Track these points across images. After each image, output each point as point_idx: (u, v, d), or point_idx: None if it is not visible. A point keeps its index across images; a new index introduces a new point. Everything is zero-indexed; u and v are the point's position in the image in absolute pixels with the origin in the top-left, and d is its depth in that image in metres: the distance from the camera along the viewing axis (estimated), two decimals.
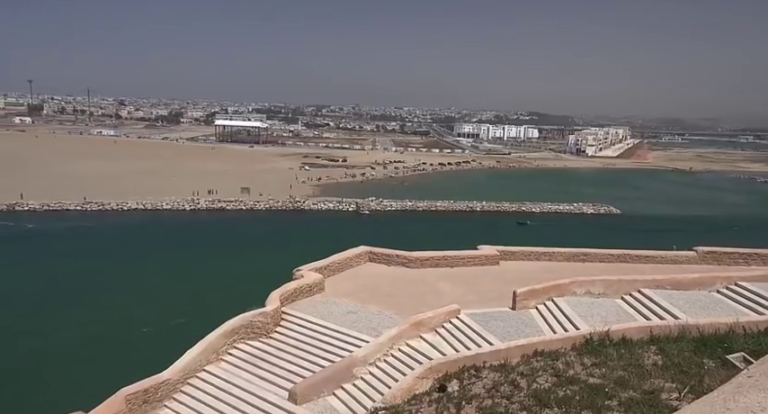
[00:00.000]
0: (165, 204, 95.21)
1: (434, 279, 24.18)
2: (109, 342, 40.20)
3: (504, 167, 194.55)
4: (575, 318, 17.46)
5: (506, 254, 26.70)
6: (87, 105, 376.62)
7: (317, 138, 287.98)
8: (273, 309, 19.86)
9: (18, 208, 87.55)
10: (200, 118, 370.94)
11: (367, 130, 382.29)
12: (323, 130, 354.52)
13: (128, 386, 16.10)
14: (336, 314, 20.20)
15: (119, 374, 18.56)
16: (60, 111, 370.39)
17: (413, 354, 16.98)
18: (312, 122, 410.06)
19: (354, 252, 26.54)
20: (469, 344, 16.93)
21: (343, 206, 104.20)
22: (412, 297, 21.83)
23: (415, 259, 26.06)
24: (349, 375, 16.20)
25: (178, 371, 17.16)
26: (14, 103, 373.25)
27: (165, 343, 18.68)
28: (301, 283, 22.06)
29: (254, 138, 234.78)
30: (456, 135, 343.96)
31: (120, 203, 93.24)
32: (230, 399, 16.59)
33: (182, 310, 44.49)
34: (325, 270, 24.09)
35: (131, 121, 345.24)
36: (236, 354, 18.62)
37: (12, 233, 75.22)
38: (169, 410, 16.47)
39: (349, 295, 22.03)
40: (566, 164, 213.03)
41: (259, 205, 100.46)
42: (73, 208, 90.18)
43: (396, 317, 19.64)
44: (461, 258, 26.34)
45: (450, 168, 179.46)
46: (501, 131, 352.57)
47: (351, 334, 18.64)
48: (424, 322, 18.02)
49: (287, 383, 16.84)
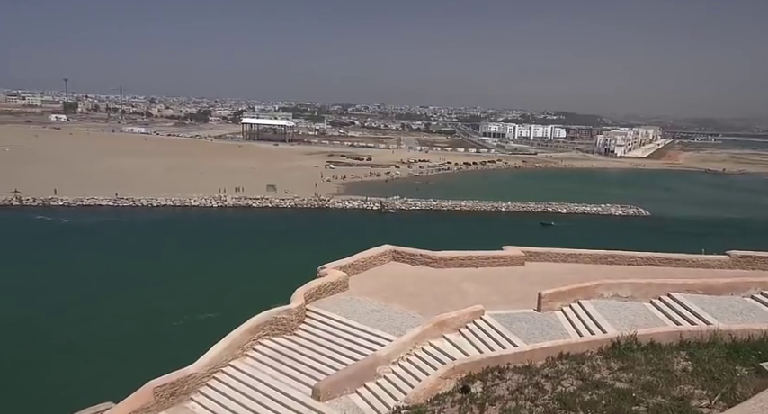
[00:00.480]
0: (192, 201, 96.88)
1: (458, 279, 24.06)
2: (140, 335, 41.11)
3: (530, 167, 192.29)
4: (601, 320, 17.18)
5: (532, 255, 26.41)
6: (119, 103, 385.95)
7: (342, 136, 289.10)
8: (298, 306, 20.05)
9: (53, 203, 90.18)
10: (227, 116, 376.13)
11: (392, 129, 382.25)
12: (348, 128, 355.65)
13: (156, 379, 16.47)
14: (360, 312, 20.28)
15: (148, 367, 19.00)
16: (94, 109, 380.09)
17: (436, 354, 16.94)
18: (337, 121, 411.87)
19: (378, 251, 26.59)
20: (493, 345, 16.81)
21: (367, 205, 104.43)
22: (436, 297, 21.77)
23: (439, 259, 25.97)
24: (372, 374, 16.24)
25: (204, 365, 17.47)
26: (51, 101, 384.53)
27: (194, 337, 19.06)
28: (325, 281, 22.20)
29: (281, 136, 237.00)
30: (481, 134, 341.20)
31: (150, 199, 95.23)
32: (255, 394, 16.82)
33: (211, 304, 45.21)
34: (349, 268, 24.20)
35: (161, 118, 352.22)
36: (260, 349, 18.85)
37: (50, 227, 77.56)
38: (195, 403, 16.78)
39: (373, 294, 22.08)
40: (593, 164, 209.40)
41: (284, 203, 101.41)
42: (105, 203, 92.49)
43: (419, 316, 19.61)
44: (486, 259, 26.15)
45: (475, 168, 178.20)
46: (527, 131, 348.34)
47: (374, 332, 18.68)
48: (448, 322, 17.95)
49: (310, 380, 16.99)
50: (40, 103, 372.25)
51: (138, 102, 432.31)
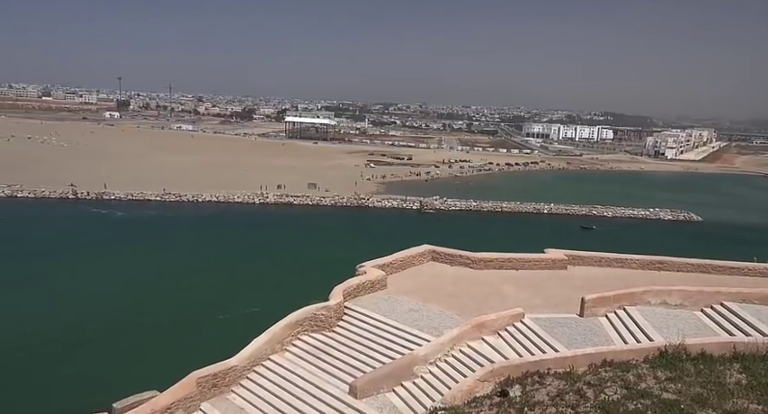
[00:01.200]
0: (236, 198, 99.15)
1: (498, 281, 23.73)
2: (187, 326, 42.29)
3: (574, 169, 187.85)
4: (648, 328, 16.59)
5: (575, 258, 25.77)
6: (169, 101, 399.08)
7: (383, 135, 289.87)
8: (336, 303, 20.20)
9: (105, 197, 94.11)
10: (271, 115, 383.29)
11: (433, 129, 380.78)
12: (389, 128, 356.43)
13: (199, 370, 16.93)
14: (398, 311, 20.26)
15: (192, 358, 19.51)
16: (145, 106, 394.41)
17: (474, 355, 16.75)
18: (379, 120, 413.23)
19: (417, 250, 26.51)
20: (533, 349, 16.49)
21: (406, 204, 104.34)
22: (474, 298, 21.53)
23: (479, 260, 25.67)
24: (409, 373, 16.20)
25: (245, 358, 17.83)
26: (105, 98, 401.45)
27: (238, 330, 19.50)
28: (364, 279, 22.28)
29: (323, 135, 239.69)
30: (525, 135, 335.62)
31: (196, 195, 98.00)
32: (293, 388, 17.04)
33: (255, 298, 46.02)
34: (388, 267, 24.21)
35: (208, 116, 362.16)
36: (299, 345, 19.10)
37: (105, 220, 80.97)
38: (236, 396, 17.15)
39: (411, 293, 22.03)
40: (642, 167, 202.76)
41: (325, 201, 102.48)
42: (153, 198, 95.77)
43: (457, 317, 19.44)
44: (527, 261, 25.69)
45: (517, 169, 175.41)
46: (572, 132, 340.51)
47: (412, 332, 18.63)
48: (487, 324, 17.72)
49: (347, 377, 17.09)
50: (95, 101, 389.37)
51: (187, 100, 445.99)
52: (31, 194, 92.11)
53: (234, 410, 16.54)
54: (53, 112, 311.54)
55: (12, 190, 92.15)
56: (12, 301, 46.28)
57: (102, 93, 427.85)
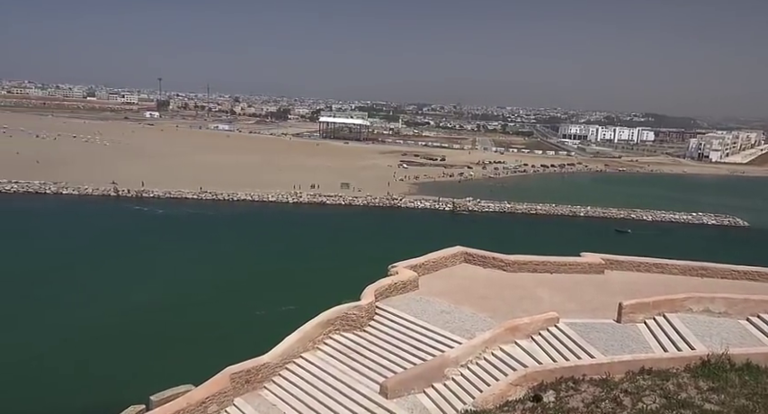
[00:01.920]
0: (270, 197, 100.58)
1: (532, 284, 23.35)
2: (225, 322, 43.04)
3: (612, 171, 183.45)
4: (689, 336, 16.02)
5: (612, 263, 25.13)
6: (206, 102, 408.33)
7: (417, 136, 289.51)
8: (368, 303, 20.23)
9: (145, 195, 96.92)
10: (305, 115, 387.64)
11: (467, 130, 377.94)
12: (423, 128, 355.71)
13: (233, 365, 17.22)
14: (430, 313, 20.15)
15: (228, 353, 19.83)
16: (183, 106, 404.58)
17: (506, 359, 16.51)
18: (412, 121, 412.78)
19: (450, 252, 26.32)
20: (568, 354, 16.14)
21: (439, 205, 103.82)
22: (507, 301, 21.24)
23: (512, 263, 25.31)
24: (440, 375, 16.09)
25: (277, 355, 18.04)
26: (146, 99, 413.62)
27: (274, 327, 19.73)
28: (396, 280, 22.25)
29: (356, 135, 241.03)
30: (561, 136, 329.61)
31: (231, 194, 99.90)
32: (324, 387, 17.15)
33: (291, 296, 46.39)
34: (420, 268, 24.11)
35: (244, 116, 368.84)
36: (330, 344, 19.21)
37: (146, 217, 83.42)
38: (268, 392, 17.36)
39: (443, 295, 21.89)
40: (684, 169, 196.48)
41: (357, 201, 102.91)
42: (190, 196, 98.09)
43: (490, 320, 19.22)
44: (562, 265, 25.18)
45: (552, 170, 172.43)
46: (611, 133, 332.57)
47: (443, 334, 18.51)
48: (520, 328, 17.44)
49: (378, 377, 17.10)
50: (136, 101, 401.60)
51: (224, 100, 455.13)
52: (76, 192, 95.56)
53: (266, 407, 16.75)
54: (97, 111, 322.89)
55: (57, 187, 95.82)
56: (55, 296, 48.09)
57: (143, 93, 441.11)
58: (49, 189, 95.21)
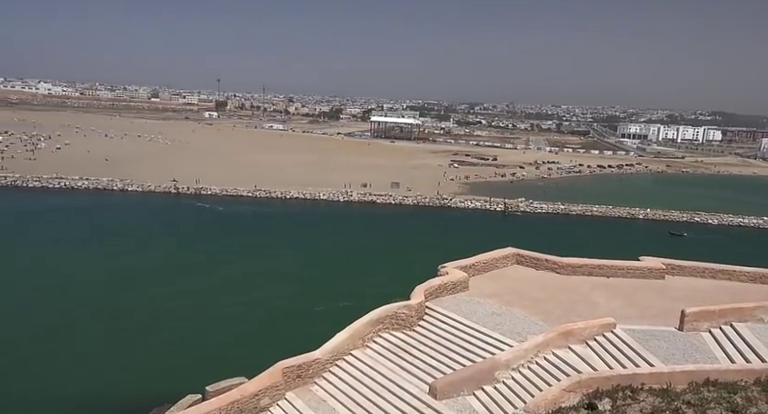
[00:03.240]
0: (321, 195, 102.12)
1: (587, 288, 22.66)
2: (285, 316, 43.84)
3: (674, 172, 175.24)
4: (760, 348, 15.11)
5: (674, 268, 24.05)
6: (262, 102, 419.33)
7: (468, 135, 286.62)
8: (418, 303, 20.21)
9: (203, 192, 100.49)
10: (357, 114, 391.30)
11: (520, 129, 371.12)
12: (474, 127, 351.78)
13: (285, 360, 17.61)
14: (480, 314, 19.92)
15: (282, 347, 20.27)
16: (240, 106, 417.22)
17: (559, 364, 16.10)
18: (464, 120, 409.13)
19: (501, 253, 25.93)
20: (625, 362, 15.57)
21: (490, 205, 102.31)
22: (561, 305, 20.72)
23: (566, 265, 24.67)
24: (490, 378, 15.87)
25: (327, 352, 18.31)
26: (205, 99, 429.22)
27: (331, 322, 19.98)
28: (446, 280, 22.13)
29: (407, 134, 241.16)
30: (620, 136, 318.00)
31: (284, 192, 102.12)
32: (373, 384, 17.26)
33: (348, 293, 46.77)
34: (470, 269, 23.87)
35: (297, 116, 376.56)
36: (380, 342, 19.32)
37: (209, 213, 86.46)
38: (318, 387, 17.65)
39: (494, 296, 21.59)
40: (755, 171, 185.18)
41: (407, 200, 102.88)
42: (245, 194, 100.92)
43: (542, 324, 18.81)
44: (619, 269, 24.33)
45: (610, 171, 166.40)
46: (674, 132, 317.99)
47: (494, 336, 18.27)
48: (575, 333, 16.95)
49: (427, 377, 17.05)
50: (196, 102, 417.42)
51: (278, 100, 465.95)
52: (140, 188, 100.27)
53: (316, 402, 17.04)
54: (160, 112, 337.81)
55: (123, 184, 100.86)
56: (121, 289, 50.62)
57: (202, 94, 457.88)
58: (116, 186, 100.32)
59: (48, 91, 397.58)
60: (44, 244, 64.45)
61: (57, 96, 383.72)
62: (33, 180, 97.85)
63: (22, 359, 35.80)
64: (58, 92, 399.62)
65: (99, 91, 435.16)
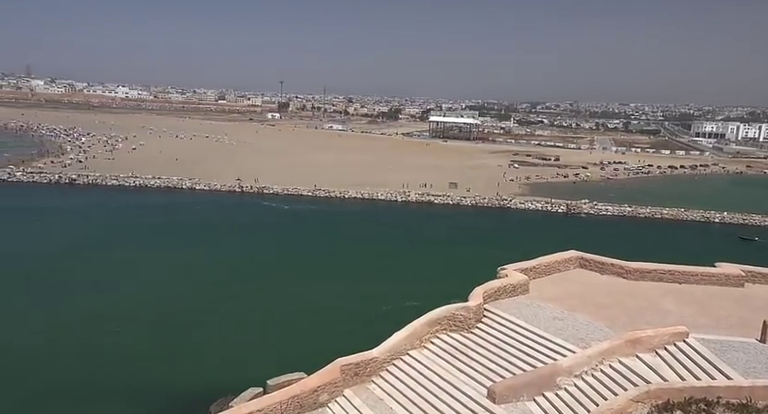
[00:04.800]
0: (379, 195, 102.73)
1: (656, 295, 21.59)
2: (351, 314, 44.34)
3: (756, 173, 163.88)
4: None
5: (755, 275, 22.54)
6: (322, 103, 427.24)
7: (529, 135, 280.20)
8: (476, 304, 19.94)
9: (265, 191, 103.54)
10: (416, 114, 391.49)
11: (584, 129, 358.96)
12: (536, 127, 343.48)
13: (343, 357, 17.84)
14: (541, 318, 19.41)
15: (349, 344, 20.49)
16: (302, 108, 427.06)
17: (626, 373, 15.41)
18: (525, 119, 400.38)
19: (563, 256, 25.18)
20: (699, 373, 14.68)
21: (552, 207, 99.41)
22: (628, 311, 19.84)
23: (634, 270, 23.63)
24: (552, 384, 15.41)
25: (385, 351, 18.39)
26: (268, 101, 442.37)
27: (389, 322, 20.08)
28: (505, 283, 21.73)
29: (466, 134, 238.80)
30: (693, 135, 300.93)
31: (343, 192, 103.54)
32: (430, 385, 17.19)
33: (406, 293, 46.59)
34: (531, 272, 23.33)
35: (357, 116, 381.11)
36: (437, 343, 19.21)
37: (275, 211, 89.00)
38: (375, 386, 17.77)
39: (555, 300, 20.98)
40: None
41: (465, 201, 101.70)
42: (305, 193, 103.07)
43: (607, 330, 18.09)
44: (692, 275, 23.03)
45: (682, 172, 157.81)
46: (755, 131, 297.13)
47: (555, 341, 17.75)
48: (643, 341, 16.18)
49: (485, 380, 16.79)
50: (260, 103, 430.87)
51: (338, 101, 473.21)
52: (206, 187, 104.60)
53: (374, 400, 17.15)
54: (226, 113, 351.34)
55: (192, 183, 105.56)
56: (188, 284, 52.99)
57: (266, 96, 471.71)
58: (185, 184, 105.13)
59: (125, 94, 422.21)
60: (139, 238, 68.16)
61: (133, 99, 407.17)
62: (111, 178, 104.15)
63: (97, 347, 38.17)
64: (134, 95, 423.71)
65: (171, 94, 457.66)
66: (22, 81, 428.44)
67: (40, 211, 79.63)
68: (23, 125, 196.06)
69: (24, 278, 50.98)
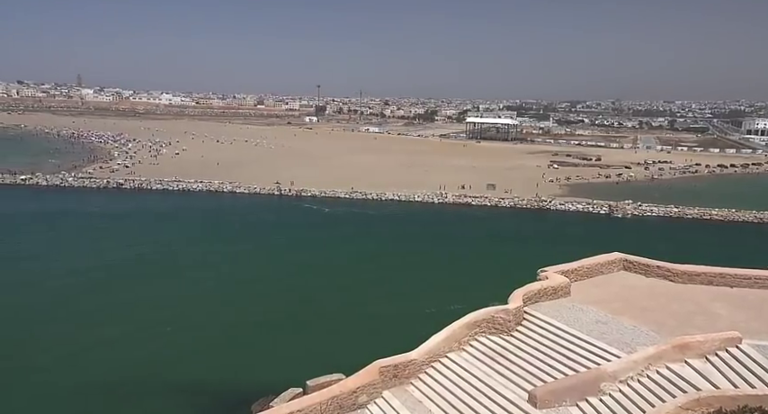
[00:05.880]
0: (416, 196, 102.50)
1: (706, 299, 20.77)
2: (392, 316, 44.44)
3: None
4: None
5: None
6: (359, 106, 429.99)
7: (569, 135, 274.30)
8: (516, 307, 19.66)
9: (303, 194, 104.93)
10: (452, 116, 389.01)
11: (627, 127, 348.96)
12: (576, 126, 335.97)
13: (382, 359, 17.87)
14: (583, 322, 18.97)
15: (388, 346, 20.52)
16: (338, 111, 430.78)
17: (674, 379, 14.88)
18: (564, 119, 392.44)
19: (606, 258, 24.55)
20: (754, 381, 14.04)
21: (593, 208, 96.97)
22: (676, 315, 19.16)
23: (681, 273, 22.80)
24: (595, 389, 15.03)
25: (424, 353, 18.33)
26: (306, 105, 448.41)
27: (436, 324, 20.03)
28: (545, 285, 21.34)
29: (503, 135, 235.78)
30: (745, 132, 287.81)
31: (379, 194, 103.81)
32: (469, 388, 17.02)
33: (453, 295, 46.40)
34: (572, 274, 22.84)
35: (393, 119, 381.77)
36: (476, 346, 19.01)
37: (318, 214, 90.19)
38: (414, 388, 17.72)
39: (598, 303, 20.46)
40: None
41: (503, 202, 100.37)
42: (342, 195, 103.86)
43: (654, 334, 17.52)
44: (745, 278, 22.06)
45: (733, 171, 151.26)
46: None
47: (598, 345, 17.32)
48: (692, 346, 15.59)
49: (525, 384, 16.52)
50: (298, 107, 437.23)
51: (374, 103, 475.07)
52: (246, 190, 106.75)
53: (413, 402, 17.11)
54: (265, 118, 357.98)
55: (232, 186, 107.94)
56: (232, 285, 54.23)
57: (303, 100, 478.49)
58: (226, 188, 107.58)
59: (168, 101, 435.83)
60: (185, 240, 70.40)
61: (176, 105, 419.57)
62: (156, 183, 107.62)
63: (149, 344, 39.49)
64: (177, 102, 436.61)
65: (212, 100, 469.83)
66: (74, 90, 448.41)
67: (95, 215, 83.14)
68: (74, 132, 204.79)
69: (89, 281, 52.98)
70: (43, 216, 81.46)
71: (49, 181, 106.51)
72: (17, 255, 61.51)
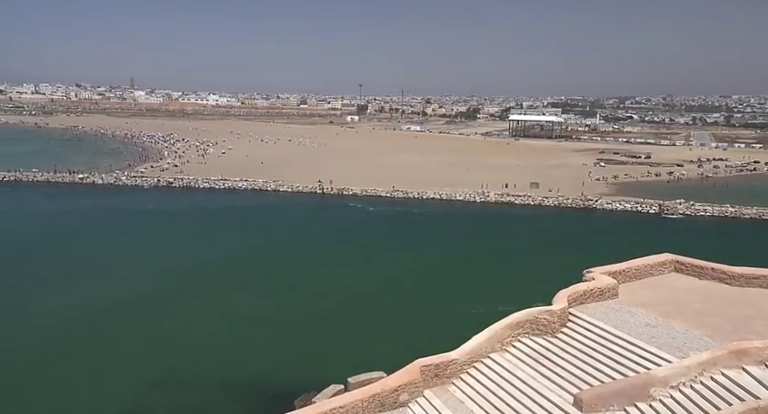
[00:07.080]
0: (458, 195, 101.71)
1: (766, 303, 19.78)
2: (442, 317, 44.44)
3: None
4: None
5: None
6: (400, 104, 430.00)
7: (617, 132, 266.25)
8: (561, 308, 19.25)
9: (345, 192, 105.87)
10: (495, 113, 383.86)
11: (679, 124, 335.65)
12: (624, 123, 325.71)
13: (423, 358, 17.85)
14: (631, 324, 18.38)
15: (430, 345, 20.50)
16: (380, 110, 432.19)
17: (731, 387, 14.22)
18: (612, 116, 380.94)
19: (656, 259, 23.70)
20: None
21: (642, 207, 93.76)
22: (732, 319, 18.31)
23: (739, 275, 21.77)
24: (645, 394, 14.53)
25: (465, 353, 18.18)
26: (348, 104, 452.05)
27: (478, 324, 19.91)
28: (592, 286, 20.79)
29: (548, 132, 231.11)
30: None
31: (421, 192, 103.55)
32: (512, 390, 16.78)
33: (497, 296, 45.89)
34: (620, 275, 22.17)
35: (435, 117, 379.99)
36: (519, 347, 18.72)
37: (362, 213, 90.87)
38: (456, 388, 17.61)
39: (647, 306, 19.78)
40: None
41: (547, 201, 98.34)
42: (384, 194, 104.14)
43: (708, 339, 16.80)
44: None
45: None
46: None
47: (648, 349, 16.73)
48: (750, 352, 14.86)
49: (570, 387, 16.15)
50: (339, 107, 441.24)
51: (416, 102, 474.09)
52: (289, 189, 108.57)
53: (454, 402, 17.01)
54: (307, 117, 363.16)
55: (276, 185, 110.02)
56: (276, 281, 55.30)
57: (345, 99, 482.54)
58: (270, 187, 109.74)
59: (215, 102, 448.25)
60: (233, 239, 71.50)
61: (222, 106, 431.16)
62: (203, 181, 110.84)
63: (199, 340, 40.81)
64: (223, 102, 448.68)
65: (256, 100, 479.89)
66: (127, 92, 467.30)
67: (159, 213, 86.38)
68: (127, 133, 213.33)
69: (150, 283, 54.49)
70: (116, 214, 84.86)
71: (105, 180, 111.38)
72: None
